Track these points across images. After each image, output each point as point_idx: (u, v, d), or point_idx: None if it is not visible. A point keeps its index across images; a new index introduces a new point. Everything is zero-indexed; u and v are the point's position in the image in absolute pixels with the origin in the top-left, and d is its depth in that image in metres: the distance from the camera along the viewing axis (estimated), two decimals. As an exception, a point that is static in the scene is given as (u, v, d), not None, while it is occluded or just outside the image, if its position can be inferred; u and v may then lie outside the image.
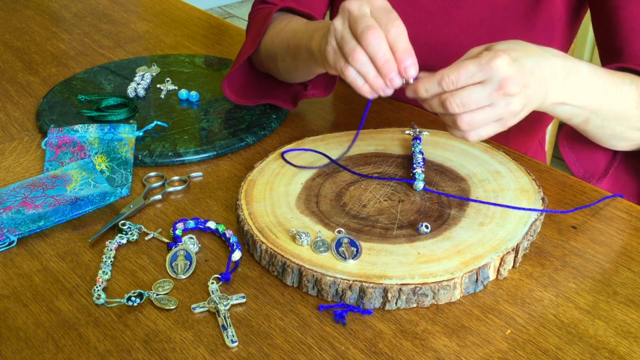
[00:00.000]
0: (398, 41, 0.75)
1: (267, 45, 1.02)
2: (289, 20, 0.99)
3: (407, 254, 0.76)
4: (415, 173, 0.88)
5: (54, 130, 0.99)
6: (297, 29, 0.94)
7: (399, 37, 0.75)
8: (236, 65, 1.02)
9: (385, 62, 0.75)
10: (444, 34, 1.04)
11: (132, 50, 1.32)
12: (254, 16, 1.09)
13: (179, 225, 0.83)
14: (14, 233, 0.81)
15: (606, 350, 0.68)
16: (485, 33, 1.02)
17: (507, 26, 1.01)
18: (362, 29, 0.74)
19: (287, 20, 1.00)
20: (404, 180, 0.87)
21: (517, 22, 1.00)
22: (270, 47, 1.01)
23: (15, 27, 1.42)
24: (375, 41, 0.74)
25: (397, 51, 0.75)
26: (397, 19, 0.75)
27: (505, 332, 0.70)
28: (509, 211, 0.83)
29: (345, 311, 0.72)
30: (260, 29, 1.01)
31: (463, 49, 1.03)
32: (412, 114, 1.09)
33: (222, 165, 0.97)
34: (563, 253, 0.81)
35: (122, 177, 0.93)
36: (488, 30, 1.01)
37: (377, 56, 0.74)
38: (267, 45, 1.02)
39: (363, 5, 0.76)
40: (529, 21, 1.00)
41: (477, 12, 1.02)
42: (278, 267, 0.76)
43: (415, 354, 0.68)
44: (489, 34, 1.02)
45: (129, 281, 0.76)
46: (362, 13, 0.76)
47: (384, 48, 0.74)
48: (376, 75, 0.76)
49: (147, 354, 0.68)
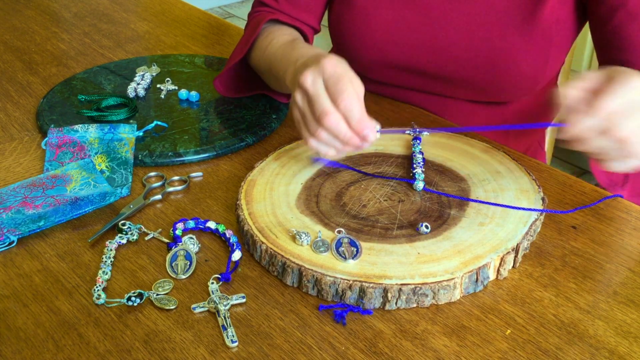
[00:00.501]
0: (350, 115, 0.78)
1: (254, 59, 1.05)
2: (272, 38, 1.00)
3: (407, 254, 0.76)
4: (415, 173, 0.88)
5: (54, 130, 0.99)
6: (277, 53, 0.96)
7: (349, 110, 0.78)
8: (225, 68, 1.05)
9: (347, 139, 0.79)
10: (442, 37, 1.04)
11: (132, 50, 1.32)
12: (249, 21, 1.11)
13: (179, 225, 0.83)
14: (14, 233, 0.81)
15: (606, 350, 0.68)
16: (484, 36, 1.02)
17: (506, 30, 1.01)
18: (319, 113, 0.78)
19: (271, 36, 1.01)
20: (404, 180, 0.87)
21: (516, 26, 1.00)
22: (257, 62, 1.04)
23: (15, 27, 1.42)
24: (333, 124, 0.78)
25: (352, 124, 0.78)
26: (345, 89, 0.78)
27: (505, 332, 0.70)
28: (509, 211, 0.83)
29: (345, 311, 0.72)
30: (249, 38, 1.03)
31: (461, 52, 1.04)
32: (412, 114, 1.09)
33: (222, 165, 0.97)
34: (563, 253, 0.81)
35: (122, 177, 0.93)
36: (487, 34, 1.01)
37: (339, 137, 0.79)
38: (255, 60, 1.05)
39: (316, 79, 0.79)
40: (528, 25, 1.00)
41: (476, 15, 1.02)
42: (278, 267, 0.76)
43: (415, 354, 0.68)
44: (488, 38, 1.02)
45: (129, 281, 0.76)
46: (316, 91, 0.79)
47: (343, 129, 0.79)
48: (343, 146, 0.81)
49: (147, 354, 0.68)
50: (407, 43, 1.05)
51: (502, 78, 1.03)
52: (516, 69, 1.02)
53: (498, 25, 1.01)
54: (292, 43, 0.96)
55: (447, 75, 1.06)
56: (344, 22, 1.08)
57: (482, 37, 1.02)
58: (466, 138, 0.98)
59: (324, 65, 0.79)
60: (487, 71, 1.03)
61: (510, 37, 1.00)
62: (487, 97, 1.09)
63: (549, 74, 1.05)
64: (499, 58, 1.02)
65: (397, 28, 1.05)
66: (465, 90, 1.08)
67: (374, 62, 1.09)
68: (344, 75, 0.78)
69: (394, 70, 1.09)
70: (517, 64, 1.01)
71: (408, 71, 1.08)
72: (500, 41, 1.01)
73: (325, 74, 0.78)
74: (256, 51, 1.03)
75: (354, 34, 1.07)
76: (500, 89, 1.05)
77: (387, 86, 1.13)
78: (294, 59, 0.89)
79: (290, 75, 0.88)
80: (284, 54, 0.94)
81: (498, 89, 1.05)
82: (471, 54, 1.03)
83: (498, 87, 1.05)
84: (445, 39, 1.04)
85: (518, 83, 1.04)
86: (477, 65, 1.03)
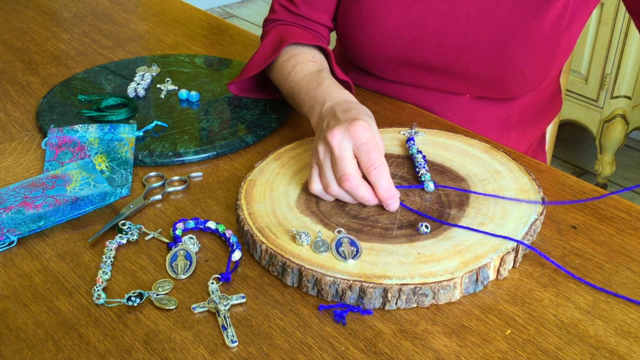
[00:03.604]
0: (379, 184, 0.80)
1: (275, 79, 1.05)
2: (295, 63, 1.00)
3: (407, 254, 0.76)
4: (421, 175, 0.87)
5: (54, 130, 0.99)
6: (301, 84, 0.97)
7: (379, 179, 0.80)
8: (242, 77, 1.05)
9: (366, 200, 0.81)
10: (450, 32, 1.04)
11: (132, 50, 1.32)
12: (268, 29, 1.11)
13: (179, 225, 0.83)
14: (14, 233, 0.81)
15: (606, 350, 0.68)
16: (493, 31, 1.02)
17: (515, 24, 1.00)
18: (341, 175, 0.80)
19: (294, 60, 1.01)
20: (414, 187, 0.87)
21: (526, 21, 1.00)
22: (278, 83, 1.04)
23: (15, 27, 1.42)
24: (353, 188, 0.80)
25: (379, 193, 0.81)
26: (377, 159, 0.80)
27: (505, 332, 0.70)
28: (509, 211, 0.83)
29: (345, 311, 0.72)
30: (268, 58, 1.03)
31: (469, 47, 1.04)
32: (413, 114, 1.09)
33: (222, 165, 0.97)
34: (563, 253, 0.81)
35: (122, 177, 0.93)
36: (495, 28, 1.01)
37: (357, 197, 0.81)
38: (276, 80, 1.05)
39: (344, 141, 0.80)
40: (537, 20, 1.00)
41: (485, 9, 1.02)
42: (278, 267, 0.76)
43: (415, 354, 0.68)
44: (495, 34, 1.01)
45: (129, 281, 0.76)
46: (342, 153, 0.80)
47: (362, 192, 0.81)
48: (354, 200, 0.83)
49: (147, 354, 0.68)
50: (414, 38, 1.05)
51: (509, 73, 1.03)
52: (524, 64, 1.02)
53: (507, 20, 1.01)
54: (317, 77, 0.96)
55: (453, 69, 1.06)
56: (352, 19, 1.08)
57: (490, 32, 1.02)
58: (466, 138, 0.98)
59: (356, 131, 0.80)
60: (495, 66, 1.03)
61: (519, 31, 1.00)
62: (492, 92, 1.09)
63: (555, 70, 1.05)
64: (507, 53, 1.02)
65: (404, 22, 1.05)
66: (470, 86, 1.08)
67: (380, 57, 1.09)
68: (376, 144, 0.80)
69: (399, 65, 1.09)
70: (525, 59, 1.01)
71: (413, 66, 1.08)
72: (508, 36, 1.01)
73: (357, 140, 0.80)
74: (277, 72, 1.03)
75: (361, 29, 1.07)
76: (506, 85, 1.05)
77: (391, 82, 1.13)
78: (321, 99, 0.90)
79: (316, 118, 0.90)
80: (309, 88, 0.95)
81: (504, 84, 1.05)
82: (479, 49, 1.03)
83: (504, 82, 1.05)
84: (453, 33, 1.04)
85: (525, 78, 1.04)
86: (484, 61, 1.03)
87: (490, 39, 1.02)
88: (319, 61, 1.01)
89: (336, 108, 0.86)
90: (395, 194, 0.81)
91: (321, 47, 1.04)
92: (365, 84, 1.16)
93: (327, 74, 0.97)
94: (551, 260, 0.78)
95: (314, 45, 1.04)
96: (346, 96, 0.90)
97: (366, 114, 0.85)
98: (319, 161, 0.83)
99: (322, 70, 0.98)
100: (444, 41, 1.05)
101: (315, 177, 0.83)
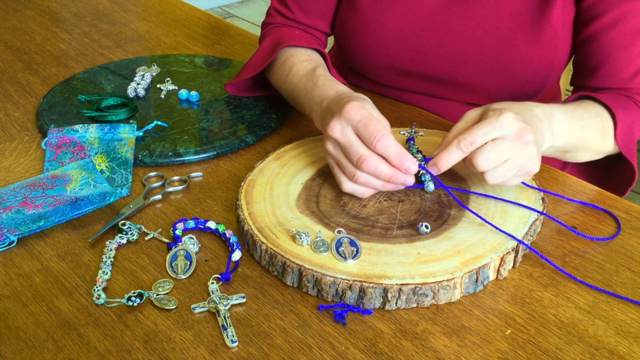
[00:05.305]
0: (388, 153, 0.79)
1: (274, 81, 1.05)
2: (292, 64, 1.00)
3: (407, 254, 0.76)
4: (421, 175, 0.87)
5: (54, 130, 0.99)
6: (299, 85, 0.97)
7: (387, 148, 0.79)
8: (239, 78, 1.06)
9: (389, 177, 0.80)
10: (448, 42, 1.04)
11: (132, 50, 1.32)
12: (264, 32, 1.12)
13: (179, 225, 0.83)
14: (14, 233, 0.81)
15: (606, 350, 0.68)
16: (490, 44, 1.02)
17: (514, 36, 1.00)
18: (356, 160, 0.80)
19: (290, 61, 1.01)
20: (414, 187, 0.86)
21: (523, 32, 1.00)
22: (277, 85, 1.05)
23: (15, 27, 1.42)
24: (373, 167, 0.80)
25: (392, 162, 0.80)
26: (377, 130, 0.79)
27: (505, 332, 0.70)
28: (509, 211, 0.83)
29: (345, 311, 0.72)
30: (265, 60, 1.03)
31: (467, 58, 1.04)
32: (412, 114, 1.09)
33: (222, 165, 0.97)
34: (563, 253, 0.81)
35: (122, 177, 0.93)
36: (493, 41, 1.01)
37: (380, 177, 0.81)
38: (274, 82, 1.05)
39: (344, 128, 0.81)
40: (535, 31, 1.00)
41: (483, 21, 1.02)
42: (278, 267, 0.76)
43: (415, 354, 0.68)
44: (494, 45, 1.01)
45: (129, 281, 0.76)
46: (347, 139, 0.80)
47: (383, 169, 0.80)
48: (384, 184, 0.82)
49: (147, 354, 0.68)
50: (412, 48, 1.05)
51: (508, 83, 1.04)
52: (522, 74, 1.02)
53: (505, 31, 1.01)
54: (312, 76, 0.96)
55: (452, 79, 1.06)
56: (349, 26, 1.08)
57: (489, 43, 1.02)
58: (466, 138, 0.98)
59: (348, 113, 0.80)
60: (493, 76, 1.03)
61: (518, 42, 1.00)
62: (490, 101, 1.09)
63: (554, 78, 1.05)
64: (506, 64, 1.02)
65: (402, 33, 1.05)
66: (469, 94, 1.08)
67: (378, 65, 1.09)
68: (371, 117, 0.80)
69: (396, 74, 1.09)
70: (524, 69, 1.02)
71: (412, 75, 1.08)
72: (507, 47, 1.01)
73: (352, 121, 0.80)
74: (275, 75, 1.04)
75: (359, 38, 1.07)
76: (505, 94, 1.05)
77: (389, 88, 1.13)
78: (318, 100, 0.91)
79: (317, 118, 0.90)
80: (306, 89, 0.95)
81: (503, 93, 1.05)
82: (477, 59, 1.03)
83: (503, 91, 1.05)
84: (451, 44, 1.04)
85: (523, 87, 1.04)
86: (482, 71, 1.03)
87: (488, 50, 1.02)
88: (315, 58, 1.02)
89: (330, 104, 0.87)
90: (410, 158, 0.80)
91: (317, 49, 1.04)
92: (362, 87, 1.16)
93: (322, 71, 0.97)
94: (550, 261, 0.78)
95: (310, 47, 1.04)
96: (340, 89, 0.90)
97: (359, 97, 0.85)
98: (334, 158, 0.83)
99: (317, 67, 0.98)
100: (441, 52, 1.04)
101: (340, 176, 0.83)
